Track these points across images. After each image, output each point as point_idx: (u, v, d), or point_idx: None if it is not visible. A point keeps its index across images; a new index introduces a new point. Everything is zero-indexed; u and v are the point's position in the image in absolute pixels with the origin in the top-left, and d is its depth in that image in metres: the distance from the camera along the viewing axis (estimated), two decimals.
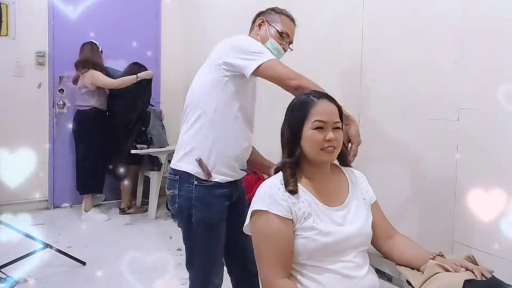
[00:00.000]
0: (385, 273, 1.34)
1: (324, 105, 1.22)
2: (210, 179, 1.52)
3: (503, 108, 1.38)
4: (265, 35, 1.67)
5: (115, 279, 2.65)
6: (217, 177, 1.53)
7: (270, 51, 1.59)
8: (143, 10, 4.47)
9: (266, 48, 1.60)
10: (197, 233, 1.55)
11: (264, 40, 1.66)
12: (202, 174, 1.52)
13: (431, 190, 1.65)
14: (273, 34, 1.67)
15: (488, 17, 1.43)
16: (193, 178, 1.53)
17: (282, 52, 1.69)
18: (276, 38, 1.66)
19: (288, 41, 1.70)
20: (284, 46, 1.69)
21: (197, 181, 1.53)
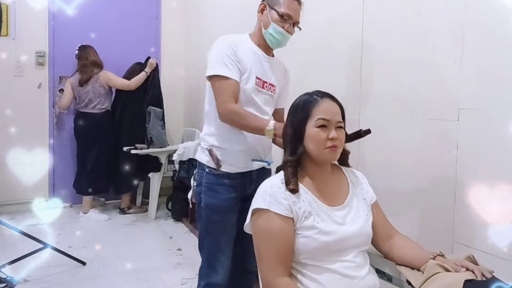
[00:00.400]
0: (385, 273, 1.34)
1: (327, 104, 1.23)
2: (219, 169, 1.62)
3: (503, 108, 1.38)
4: (267, 20, 1.65)
5: (115, 279, 2.66)
6: (226, 167, 1.63)
7: (273, 36, 1.63)
8: (143, 10, 4.47)
9: (268, 33, 1.63)
10: (204, 217, 1.66)
11: (266, 26, 1.65)
12: (212, 163, 1.63)
13: (431, 190, 1.65)
14: (274, 18, 1.63)
15: (488, 17, 1.43)
16: (205, 167, 1.65)
17: (287, 35, 1.65)
18: (278, 22, 1.62)
19: (292, 22, 1.64)
20: (288, 28, 1.63)
21: (208, 169, 1.65)
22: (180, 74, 4.65)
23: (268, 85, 1.70)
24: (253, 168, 1.67)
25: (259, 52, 1.68)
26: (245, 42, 1.67)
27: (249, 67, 1.63)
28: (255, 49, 1.68)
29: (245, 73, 1.62)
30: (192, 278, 2.68)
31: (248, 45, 1.67)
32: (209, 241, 1.67)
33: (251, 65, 1.63)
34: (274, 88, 1.73)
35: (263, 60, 1.69)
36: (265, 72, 1.69)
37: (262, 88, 1.68)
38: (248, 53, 1.64)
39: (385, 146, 1.88)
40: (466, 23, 1.50)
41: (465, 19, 1.50)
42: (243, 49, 1.63)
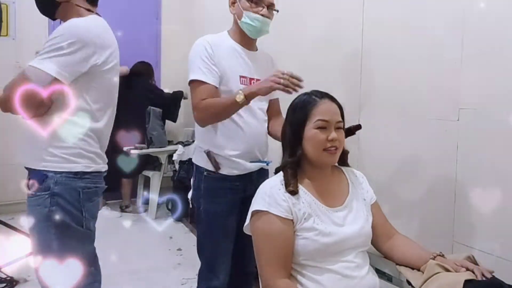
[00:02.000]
0: (385, 273, 1.34)
1: (326, 105, 1.22)
2: (218, 172, 1.58)
3: (503, 108, 1.38)
4: (239, 11, 1.58)
5: (115, 279, 2.65)
6: (225, 170, 1.59)
7: (249, 25, 1.57)
8: (143, 10, 4.47)
9: (244, 23, 1.57)
10: (204, 221, 1.63)
11: (240, 16, 1.58)
12: (211, 166, 1.58)
13: (431, 190, 1.65)
14: (246, 6, 1.56)
15: (488, 17, 1.43)
16: (203, 170, 1.61)
17: (265, 20, 1.57)
18: (250, 9, 1.55)
19: (266, 5, 1.57)
20: (262, 12, 1.56)
21: (206, 172, 1.61)
22: (180, 74, 4.65)
23: (255, 81, 1.62)
24: (252, 169, 1.64)
25: (239, 48, 1.62)
26: (223, 41, 1.61)
27: (229, 68, 1.57)
28: (234, 46, 1.62)
29: (225, 75, 1.56)
30: (192, 278, 2.68)
31: (227, 44, 1.61)
32: (208, 245, 1.65)
33: (231, 65, 1.58)
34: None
35: (245, 57, 1.62)
36: (250, 68, 1.63)
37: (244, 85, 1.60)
38: (227, 53, 1.58)
39: (385, 146, 1.88)
40: (466, 23, 1.50)
41: (465, 19, 1.50)
42: (221, 50, 1.57)
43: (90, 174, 1.38)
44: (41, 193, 1.32)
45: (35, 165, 1.33)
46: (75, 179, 1.34)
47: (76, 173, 1.34)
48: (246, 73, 1.62)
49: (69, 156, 1.34)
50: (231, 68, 1.58)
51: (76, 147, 1.35)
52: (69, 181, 1.33)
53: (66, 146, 1.34)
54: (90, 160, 1.38)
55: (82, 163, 1.36)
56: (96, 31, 1.35)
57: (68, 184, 1.33)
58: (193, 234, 3.50)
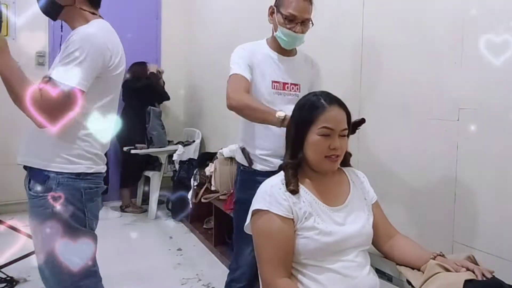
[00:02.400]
0: (385, 273, 1.34)
1: (333, 112, 1.19)
2: (251, 167, 1.71)
3: (503, 108, 1.38)
4: (275, 24, 1.67)
5: (115, 279, 2.65)
6: (257, 166, 1.71)
7: (282, 39, 1.65)
8: (143, 10, 4.47)
9: (278, 36, 1.65)
10: (237, 211, 1.78)
11: (276, 29, 1.67)
12: (245, 161, 1.72)
13: (431, 190, 1.65)
14: (280, 21, 1.63)
15: (488, 17, 1.43)
16: (240, 165, 1.79)
17: (296, 36, 1.63)
18: (283, 24, 1.62)
19: (300, 21, 1.61)
20: (294, 29, 1.61)
21: (242, 167, 1.77)
22: (180, 74, 4.65)
23: (289, 86, 1.71)
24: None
25: (274, 55, 1.70)
26: (260, 48, 1.71)
27: (262, 72, 1.66)
28: (269, 53, 1.71)
29: (258, 78, 1.65)
30: (192, 278, 2.68)
31: (262, 51, 1.70)
32: (238, 236, 1.76)
33: (264, 70, 1.67)
34: (297, 87, 1.73)
35: (280, 63, 1.70)
36: (283, 73, 1.70)
37: (283, 90, 1.69)
38: (261, 59, 1.68)
39: (385, 146, 1.88)
40: (466, 23, 1.50)
41: (465, 19, 1.50)
42: (256, 55, 1.67)
43: (91, 175, 1.38)
44: (43, 194, 1.32)
45: (37, 165, 1.34)
46: (77, 180, 1.35)
47: (78, 174, 1.35)
48: (279, 78, 1.69)
49: (72, 157, 1.34)
50: (264, 72, 1.67)
51: (79, 148, 1.35)
52: (71, 182, 1.34)
53: (69, 147, 1.34)
54: (91, 161, 1.38)
55: (85, 164, 1.36)
56: (109, 38, 1.38)
57: (71, 185, 1.33)
58: (193, 234, 3.50)
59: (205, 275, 2.70)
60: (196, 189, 3.23)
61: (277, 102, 1.66)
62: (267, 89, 1.66)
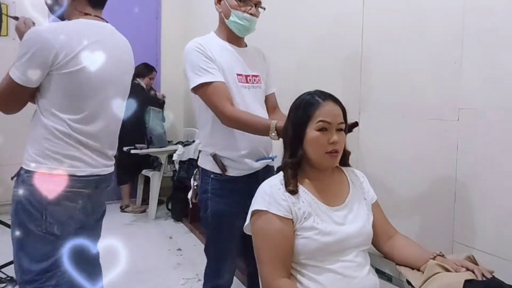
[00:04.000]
0: (385, 273, 1.34)
1: (329, 107, 1.21)
2: (225, 174, 1.57)
3: (503, 108, 1.38)
4: (226, 10, 1.56)
5: (115, 279, 2.65)
6: (231, 172, 1.58)
7: (238, 24, 1.56)
8: (143, 10, 4.47)
9: (232, 22, 1.55)
10: (211, 224, 1.62)
11: (227, 15, 1.56)
12: (217, 168, 1.57)
13: (431, 190, 1.65)
14: (233, 4, 1.54)
15: (488, 17, 1.43)
16: (210, 173, 1.60)
17: (253, 19, 1.56)
18: (237, 7, 1.54)
19: (254, 3, 1.55)
20: (251, 11, 1.55)
21: (213, 175, 1.60)
22: (180, 74, 4.65)
23: (251, 78, 1.63)
24: (258, 168, 1.63)
25: (229, 47, 1.61)
26: (212, 41, 1.60)
27: (225, 65, 1.55)
28: (225, 45, 1.61)
29: (223, 73, 1.54)
30: (192, 278, 2.68)
31: (216, 43, 1.60)
32: (216, 247, 1.66)
33: (225, 62, 1.55)
34: (258, 78, 1.66)
35: (237, 54, 1.61)
36: (243, 65, 1.61)
37: (246, 83, 1.60)
38: (219, 51, 1.56)
39: (385, 146, 1.88)
40: (466, 23, 1.50)
41: (465, 19, 1.50)
42: (213, 49, 1.54)
43: (59, 177, 1.34)
44: (14, 190, 1.35)
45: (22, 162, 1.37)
46: (40, 180, 1.32)
47: (43, 173, 1.32)
48: (242, 71, 1.60)
49: (36, 156, 1.33)
50: (226, 65, 1.55)
51: (42, 147, 1.34)
52: (34, 181, 1.31)
53: (34, 145, 1.35)
54: (57, 162, 1.34)
55: (48, 164, 1.33)
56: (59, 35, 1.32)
57: (32, 185, 1.31)
58: (193, 234, 3.50)
59: None
60: (196, 189, 3.22)
61: (246, 96, 1.58)
62: (234, 84, 1.56)
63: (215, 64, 1.52)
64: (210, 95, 1.49)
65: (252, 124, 1.46)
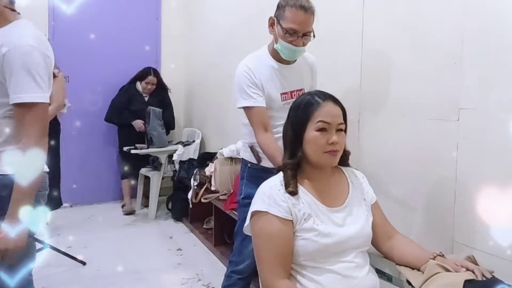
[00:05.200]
0: (385, 273, 1.34)
1: (328, 107, 1.21)
2: (260, 164, 1.75)
3: (503, 108, 1.38)
4: (276, 35, 1.66)
5: (115, 279, 2.66)
6: (265, 163, 1.71)
7: (282, 52, 1.65)
8: (143, 10, 4.47)
9: (278, 49, 1.65)
10: (243, 207, 1.74)
11: (276, 41, 1.66)
12: (253, 159, 1.76)
13: (431, 190, 1.65)
14: (280, 34, 1.61)
15: (488, 17, 1.43)
16: (247, 162, 1.83)
17: (296, 49, 1.63)
18: (283, 38, 1.61)
19: (301, 34, 1.60)
20: (296, 42, 1.60)
21: (250, 164, 1.81)
22: (180, 74, 4.65)
23: (296, 93, 1.75)
24: None
25: (276, 65, 1.72)
26: (263, 61, 1.71)
27: (271, 88, 1.69)
28: (272, 64, 1.72)
29: (269, 95, 1.69)
30: (192, 278, 2.68)
31: (266, 63, 1.71)
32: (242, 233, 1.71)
33: (271, 85, 1.70)
34: (302, 91, 1.76)
35: (283, 72, 1.73)
36: (289, 82, 1.74)
37: (291, 99, 1.71)
38: (267, 73, 1.69)
39: (385, 146, 1.88)
40: (466, 23, 1.50)
41: (465, 19, 1.50)
42: (262, 72, 1.68)
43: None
44: None
45: None
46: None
47: None
48: (286, 89, 1.74)
49: None
50: (272, 88, 1.70)
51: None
52: None
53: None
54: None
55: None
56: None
57: None
58: (193, 234, 3.50)
59: (205, 275, 2.70)
60: (196, 189, 3.23)
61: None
62: (277, 103, 1.71)
63: (259, 89, 1.67)
64: (250, 118, 1.69)
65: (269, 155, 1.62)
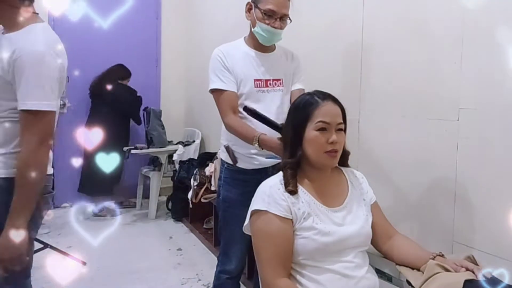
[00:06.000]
0: (385, 273, 1.34)
1: (328, 107, 1.21)
2: (236, 165, 1.72)
3: (503, 108, 1.38)
4: (253, 20, 1.67)
5: (115, 279, 2.66)
6: (241, 164, 1.71)
7: (261, 35, 1.66)
8: (143, 10, 4.47)
9: (256, 32, 1.66)
10: (222, 209, 1.78)
11: (254, 25, 1.68)
12: (229, 159, 1.72)
13: (431, 190, 1.65)
14: (259, 16, 1.64)
15: (488, 17, 1.43)
16: (224, 162, 1.79)
17: (275, 31, 1.65)
18: (262, 20, 1.63)
19: (278, 17, 1.63)
20: (273, 24, 1.63)
21: (226, 164, 1.77)
22: (180, 74, 4.65)
23: (272, 82, 1.73)
24: (267, 164, 1.70)
25: (253, 53, 1.72)
26: (237, 49, 1.72)
27: (243, 73, 1.68)
28: (248, 52, 1.72)
29: (241, 80, 1.68)
30: (192, 278, 2.68)
31: (241, 51, 1.72)
32: (225, 231, 1.78)
33: (245, 70, 1.68)
34: (280, 82, 1.75)
35: (259, 60, 1.72)
36: (265, 71, 1.72)
37: (266, 87, 1.71)
38: (241, 59, 1.69)
39: (385, 146, 1.88)
40: (465, 23, 1.50)
41: (465, 19, 1.50)
42: (235, 57, 1.68)
43: None
44: None
45: None
46: None
47: None
48: (261, 76, 1.72)
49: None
50: (245, 73, 1.68)
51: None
52: None
53: None
54: None
55: None
56: None
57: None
58: (193, 234, 3.50)
59: (205, 275, 2.70)
60: (196, 189, 3.23)
61: (262, 99, 1.70)
62: (250, 89, 1.69)
63: (231, 73, 1.67)
64: (218, 101, 1.68)
65: (241, 133, 1.62)
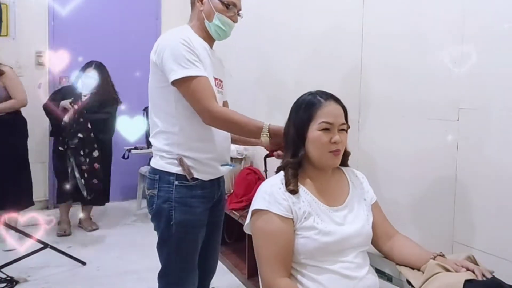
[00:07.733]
0: (385, 273, 1.34)
1: (331, 107, 1.21)
2: (191, 178, 1.44)
3: (503, 108, 1.39)
4: (209, 10, 1.49)
5: (115, 279, 2.66)
6: (199, 175, 1.45)
7: (220, 28, 1.50)
8: (143, 10, 4.47)
9: (214, 25, 1.49)
10: (176, 236, 1.45)
11: (210, 17, 1.49)
12: (183, 173, 1.44)
13: (431, 190, 1.65)
14: (219, 8, 1.49)
15: (488, 17, 1.43)
16: (173, 179, 1.44)
17: (233, 25, 1.54)
18: (223, 12, 1.49)
19: (238, 10, 1.54)
20: (232, 17, 1.52)
21: (178, 181, 1.44)
22: None
23: (218, 82, 1.56)
24: (222, 173, 1.58)
25: (207, 47, 1.53)
26: (194, 37, 1.47)
27: (206, 67, 1.45)
28: (204, 45, 1.51)
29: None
30: None
31: (198, 42, 1.48)
32: (180, 262, 1.49)
33: (206, 64, 1.46)
34: (222, 84, 1.59)
35: (212, 56, 1.54)
36: (215, 69, 1.54)
37: (217, 87, 1.53)
38: (201, 51, 1.46)
39: (385, 146, 1.88)
40: (465, 23, 1.50)
41: (465, 19, 1.50)
42: (198, 49, 1.44)
43: None
44: None
45: None
46: None
47: None
48: (217, 74, 1.55)
49: None
50: (207, 67, 1.46)
51: None
52: None
53: None
54: None
55: None
56: None
57: None
58: None
59: None
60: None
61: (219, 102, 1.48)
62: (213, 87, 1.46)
63: (200, 62, 1.41)
64: (195, 90, 1.36)
65: (241, 123, 1.38)
